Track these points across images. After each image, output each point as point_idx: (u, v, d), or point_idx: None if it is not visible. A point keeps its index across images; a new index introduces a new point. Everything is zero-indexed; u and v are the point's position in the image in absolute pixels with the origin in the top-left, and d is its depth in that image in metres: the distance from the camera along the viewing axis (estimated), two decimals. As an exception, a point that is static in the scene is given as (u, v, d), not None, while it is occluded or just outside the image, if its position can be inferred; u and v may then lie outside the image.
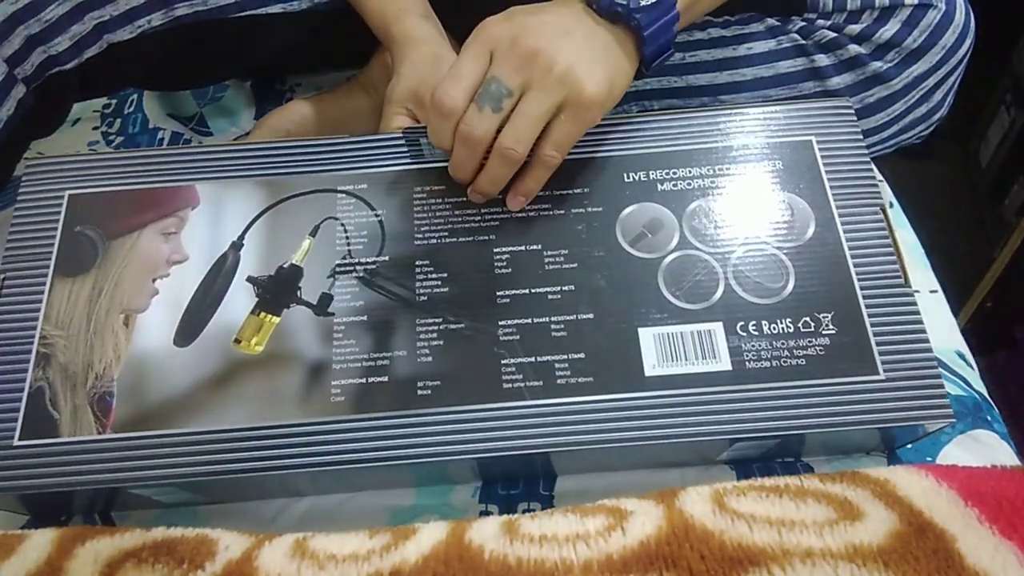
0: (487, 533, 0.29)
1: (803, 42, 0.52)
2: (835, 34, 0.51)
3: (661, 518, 0.29)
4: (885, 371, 0.37)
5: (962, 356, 0.46)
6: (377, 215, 0.42)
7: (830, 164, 0.42)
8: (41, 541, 0.30)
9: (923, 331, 0.38)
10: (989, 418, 0.43)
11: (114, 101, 0.64)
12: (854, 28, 0.50)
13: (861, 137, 0.43)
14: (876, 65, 0.50)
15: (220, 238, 0.41)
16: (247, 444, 0.36)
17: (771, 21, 0.52)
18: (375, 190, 0.42)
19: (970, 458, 0.41)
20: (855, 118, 0.44)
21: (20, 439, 0.36)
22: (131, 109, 0.64)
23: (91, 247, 0.41)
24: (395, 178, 0.43)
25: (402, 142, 0.43)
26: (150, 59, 0.49)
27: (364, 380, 0.38)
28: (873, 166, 0.43)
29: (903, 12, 0.50)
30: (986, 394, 0.44)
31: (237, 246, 0.41)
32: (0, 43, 0.44)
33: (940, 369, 0.37)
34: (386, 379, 0.38)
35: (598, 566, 0.27)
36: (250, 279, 0.40)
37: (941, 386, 0.37)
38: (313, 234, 0.41)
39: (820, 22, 0.51)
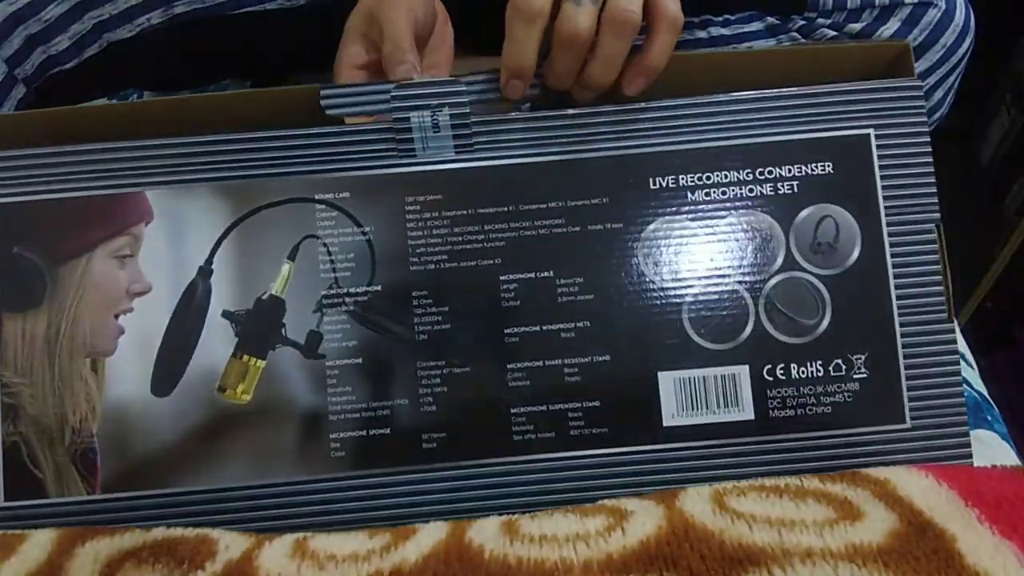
0: (487, 533, 0.30)
1: (803, 41, 0.52)
2: (835, 32, 0.51)
3: (661, 518, 0.30)
4: (912, 419, 0.35)
5: (962, 356, 0.45)
6: (364, 233, 0.36)
7: (888, 168, 0.36)
8: (41, 541, 0.30)
9: (958, 373, 0.36)
10: (989, 418, 0.43)
11: (114, 101, 0.58)
12: (854, 27, 0.50)
13: (927, 130, 0.37)
14: None
15: (184, 261, 0.36)
16: (245, 504, 0.35)
17: (771, 20, 0.52)
18: (360, 199, 0.36)
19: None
20: (923, 105, 0.37)
21: (6, 500, 0.35)
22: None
23: (36, 274, 0.36)
24: (382, 184, 0.36)
25: (389, 135, 0.36)
26: (150, 58, 0.49)
27: (365, 432, 0.35)
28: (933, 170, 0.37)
29: (903, 11, 0.49)
30: (986, 394, 0.44)
31: (206, 273, 0.36)
32: (0, 43, 0.44)
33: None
34: (388, 431, 0.35)
35: (598, 566, 0.27)
36: (226, 314, 0.36)
37: (966, 433, 0.36)
38: (292, 257, 0.36)
39: (820, 20, 0.51)
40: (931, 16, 0.50)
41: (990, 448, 0.42)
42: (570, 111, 0.37)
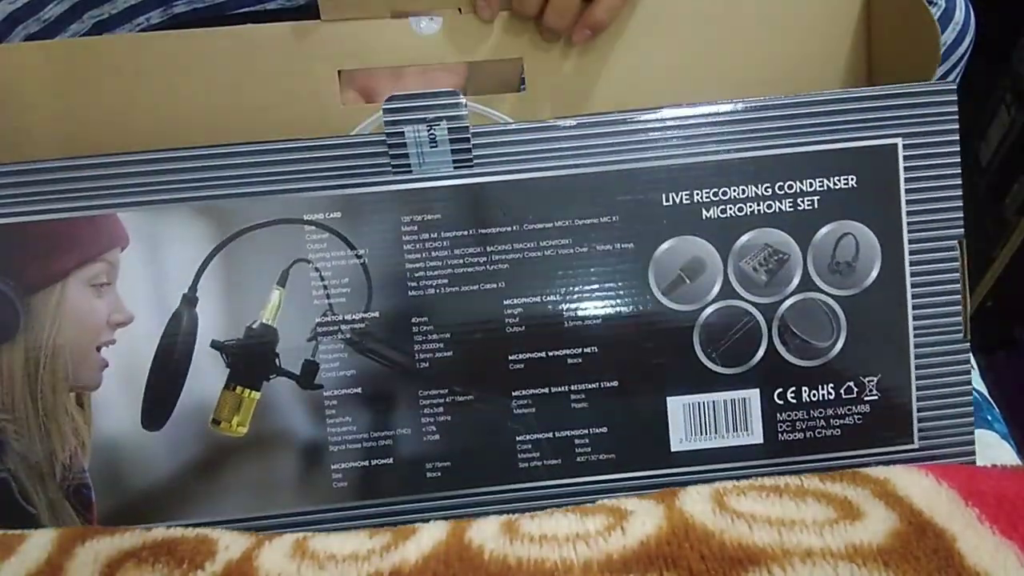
0: (487, 533, 0.30)
1: None
2: None
3: (661, 518, 0.30)
4: (920, 439, 0.35)
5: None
6: (359, 256, 0.34)
7: (913, 179, 0.34)
8: (41, 541, 0.30)
9: (968, 393, 0.35)
10: (989, 418, 0.43)
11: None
12: None
13: (957, 139, 0.34)
14: None
15: (166, 289, 0.34)
16: (250, 536, 0.34)
17: None
18: (352, 220, 0.34)
19: (970, 458, 0.41)
20: (956, 111, 0.34)
21: None
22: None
23: (8, 305, 0.33)
24: (376, 203, 0.34)
25: (382, 149, 0.33)
26: None
27: (367, 463, 0.34)
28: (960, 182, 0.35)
29: None
30: (986, 394, 0.43)
31: (191, 301, 0.34)
32: None
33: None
34: (391, 461, 0.34)
35: (598, 566, 0.28)
36: (215, 345, 0.34)
37: (972, 452, 0.36)
38: (282, 283, 0.34)
39: None
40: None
41: (990, 448, 0.42)
42: (576, 121, 0.34)
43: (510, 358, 0.34)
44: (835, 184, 0.34)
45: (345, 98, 0.40)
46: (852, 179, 0.34)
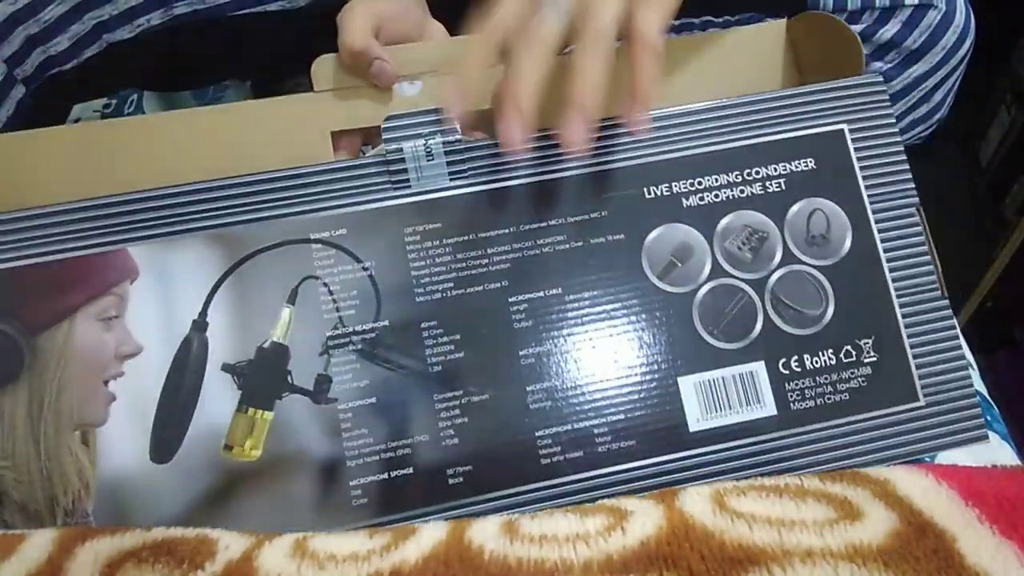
0: (487, 533, 0.29)
1: None
2: None
3: (661, 518, 0.29)
4: (925, 396, 0.36)
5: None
6: (365, 268, 0.35)
7: (864, 158, 0.38)
8: (41, 541, 0.28)
9: (959, 347, 0.37)
10: (989, 418, 0.44)
11: (114, 101, 0.60)
12: (854, 28, 0.48)
13: (894, 120, 0.39)
14: (876, 66, 0.51)
15: (176, 317, 0.34)
16: (267, 568, 0.32)
17: (771, 20, 0.49)
18: (356, 235, 0.35)
19: (970, 458, 0.40)
20: (888, 97, 0.39)
21: (-9, 600, 0.31)
22: (131, 109, 0.59)
23: (12, 348, 0.33)
24: (378, 217, 0.36)
25: (382, 167, 0.36)
26: (149, 59, 0.49)
27: (386, 475, 0.33)
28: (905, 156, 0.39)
29: (903, 13, 0.49)
30: (986, 394, 0.45)
31: (201, 326, 0.34)
32: (0, 44, 0.44)
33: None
34: (411, 471, 0.34)
35: (598, 566, 0.27)
36: (226, 367, 0.34)
37: (977, 405, 0.37)
38: (291, 301, 0.35)
39: None
40: (931, 18, 0.50)
41: (990, 448, 0.42)
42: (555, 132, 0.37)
43: (520, 353, 0.35)
44: (797, 167, 0.38)
45: (338, 156, 0.43)
46: (811, 161, 0.38)
